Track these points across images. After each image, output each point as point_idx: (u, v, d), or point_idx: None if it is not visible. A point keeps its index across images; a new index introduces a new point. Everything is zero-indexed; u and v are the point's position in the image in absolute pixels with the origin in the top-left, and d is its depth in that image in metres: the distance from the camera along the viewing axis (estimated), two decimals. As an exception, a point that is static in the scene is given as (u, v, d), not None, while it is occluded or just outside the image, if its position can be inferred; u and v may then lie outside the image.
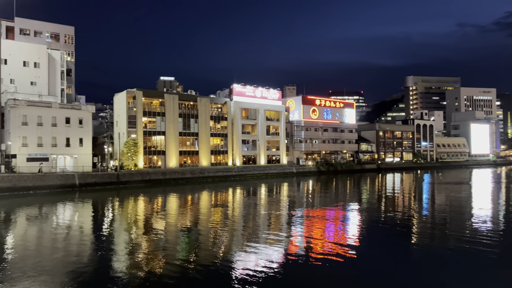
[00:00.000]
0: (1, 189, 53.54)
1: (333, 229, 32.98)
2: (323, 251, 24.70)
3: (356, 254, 24.27)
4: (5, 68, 68.24)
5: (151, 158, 78.80)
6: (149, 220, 37.50)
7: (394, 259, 23.57)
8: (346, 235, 30.46)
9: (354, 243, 27.19)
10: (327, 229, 32.92)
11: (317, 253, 24.22)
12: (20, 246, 27.72)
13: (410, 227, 33.19)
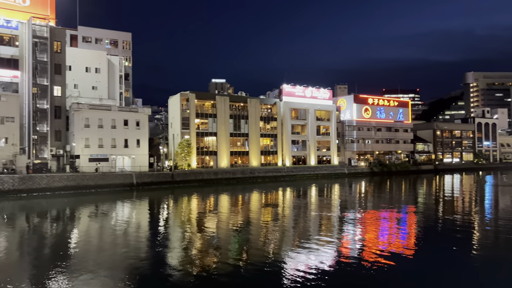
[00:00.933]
0: (67, 188, 57.38)
1: (387, 232, 31.97)
2: (376, 255, 24.01)
3: (411, 259, 23.36)
4: (70, 74, 72.95)
5: (204, 158, 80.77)
6: (202, 219, 38.49)
7: (452, 265, 22.40)
8: (401, 238, 29.40)
9: (410, 248, 26.18)
10: (380, 232, 31.96)
11: (369, 257, 23.60)
12: (83, 241, 29.57)
13: (470, 232, 31.38)
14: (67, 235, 31.80)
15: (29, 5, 70.07)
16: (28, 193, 53.64)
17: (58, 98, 67.59)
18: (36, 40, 65.87)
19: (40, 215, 41.93)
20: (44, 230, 34.43)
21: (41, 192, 54.73)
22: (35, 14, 68.84)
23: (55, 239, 30.42)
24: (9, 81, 65.90)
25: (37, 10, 70.39)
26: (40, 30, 66.64)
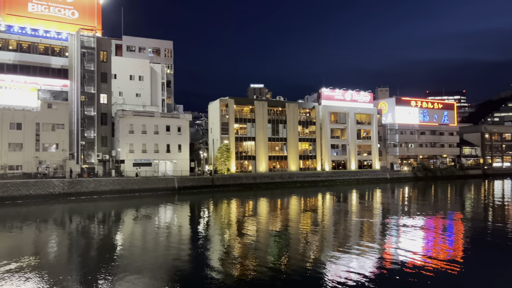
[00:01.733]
0: (112, 191, 59.72)
1: (431, 240, 30.82)
2: (419, 264, 23.20)
3: (457, 270, 22.35)
4: (115, 82, 76.11)
5: (242, 163, 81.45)
6: (241, 223, 38.80)
7: (503, 279, 21.23)
8: (447, 247, 28.23)
9: (456, 258, 25.08)
10: (425, 239, 30.85)
11: (412, 266, 22.84)
12: (127, 243, 30.64)
13: (524, 241, 29.59)
14: (113, 237, 33.09)
15: (77, 17, 73.94)
16: (76, 196, 56.33)
17: (104, 105, 70.65)
18: (84, 50, 69.29)
19: (88, 217, 43.87)
20: (91, 232, 36.00)
21: (88, 195, 57.29)
22: (83, 25, 72.54)
23: (101, 241, 31.72)
24: (60, 90, 69.76)
25: (85, 22, 74.14)
26: (88, 41, 70.05)
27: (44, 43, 69.24)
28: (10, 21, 68.19)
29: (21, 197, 52.51)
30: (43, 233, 35.08)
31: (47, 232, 35.55)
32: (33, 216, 44.07)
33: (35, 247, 29.40)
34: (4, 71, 65.77)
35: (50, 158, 61.31)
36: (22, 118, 60.29)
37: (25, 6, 70.16)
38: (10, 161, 58.67)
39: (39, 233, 34.82)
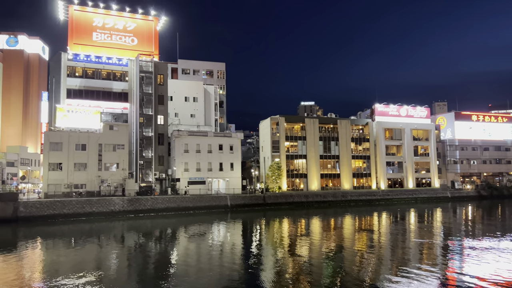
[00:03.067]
0: (168, 209, 61.64)
1: (498, 265, 28.52)
2: (489, 289, 21.51)
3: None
4: (171, 103, 79.44)
5: (294, 181, 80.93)
6: (294, 242, 38.33)
7: None
8: (519, 272, 25.95)
9: (530, 283, 22.96)
10: (492, 264, 28.61)
11: (481, 291, 21.21)
12: (182, 261, 31.30)
13: None
14: (168, 255, 33.99)
15: (137, 44, 78.68)
16: (135, 213, 58.73)
17: (161, 126, 73.82)
18: (142, 74, 73.25)
19: (145, 234, 45.50)
20: (148, 248, 37.24)
21: (146, 213, 59.52)
22: (142, 51, 76.97)
23: (158, 258, 32.68)
24: (120, 112, 74.06)
25: (143, 48, 78.64)
26: (146, 65, 74.06)
27: (106, 69, 74.20)
28: (77, 50, 73.92)
29: (84, 214, 55.69)
30: (104, 249, 36.82)
31: (108, 248, 37.28)
32: (95, 232, 46.49)
33: (96, 262, 30.89)
34: (72, 96, 71.11)
35: (111, 177, 64.73)
36: (86, 140, 64.45)
37: (90, 35, 75.86)
38: (75, 180, 62.67)
39: (100, 249, 36.59)
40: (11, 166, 74.53)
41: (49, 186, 61.14)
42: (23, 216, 52.12)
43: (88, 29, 76.06)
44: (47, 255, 34.67)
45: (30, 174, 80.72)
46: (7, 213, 51.43)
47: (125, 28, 78.82)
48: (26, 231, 46.32)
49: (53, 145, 62.65)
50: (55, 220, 52.89)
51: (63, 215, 54.28)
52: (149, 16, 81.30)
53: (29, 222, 51.32)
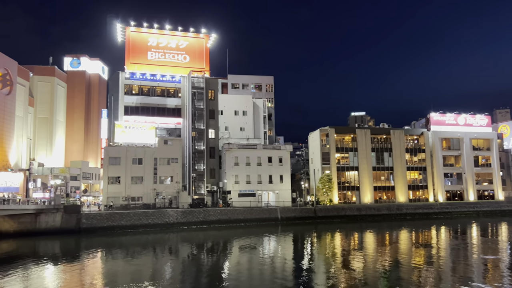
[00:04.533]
0: (220, 221, 62.59)
1: None
2: None
3: None
4: (221, 117, 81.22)
5: (345, 193, 79.23)
6: (347, 256, 37.39)
7: None
8: None
9: None
10: None
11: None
12: (234, 273, 31.56)
13: None
14: (221, 266, 34.45)
15: (188, 61, 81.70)
16: (188, 225, 60.18)
17: (212, 139, 75.59)
18: (194, 90, 75.67)
19: (198, 246, 46.45)
20: (201, 260, 37.99)
21: (199, 225, 60.80)
22: (193, 68, 79.67)
23: (210, 270, 33.21)
24: (174, 127, 76.89)
25: (195, 65, 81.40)
26: (198, 81, 76.48)
27: (161, 86, 77.56)
28: (133, 69, 78.01)
29: (141, 226, 57.91)
30: (159, 260, 38.05)
31: (163, 259, 38.47)
32: (151, 243, 48.18)
33: (152, 273, 31.96)
34: (129, 112, 74.90)
35: (165, 190, 66.99)
36: (142, 154, 67.37)
37: (145, 55, 79.86)
38: (132, 193, 65.53)
39: (156, 260, 37.85)
40: (74, 180, 79.45)
41: (109, 198, 64.40)
42: (85, 227, 55.17)
43: (143, 48, 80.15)
44: (107, 264, 36.42)
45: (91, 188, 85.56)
46: (71, 224, 54.72)
47: (178, 47, 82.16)
48: (87, 242, 48.97)
49: (112, 160, 66.10)
50: (114, 231, 55.48)
51: (122, 227, 56.80)
52: (200, 34, 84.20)
53: (91, 233, 54.22)
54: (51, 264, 35.38)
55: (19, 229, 51.80)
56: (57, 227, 53.61)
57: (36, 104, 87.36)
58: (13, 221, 51.73)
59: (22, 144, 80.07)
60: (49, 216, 53.91)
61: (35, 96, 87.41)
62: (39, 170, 74.43)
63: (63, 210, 54.92)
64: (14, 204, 49.02)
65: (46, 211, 54.00)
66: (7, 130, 72.40)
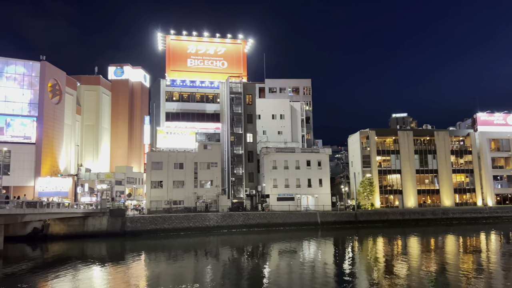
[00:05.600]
0: (259, 225, 62.76)
1: None
2: None
3: None
4: (259, 122, 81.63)
5: (387, 197, 77.14)
6: (389, 262, 36.39)
7: None
8: None
9: None
10: None
11: None
12: (274, 278, 31.50)
13: None
14: (261, 270, 34.53)
15: (226, 67, 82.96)
16: (228, 229, 60.81)
17: (250, 144, 76.11)
18: (232, 95, 76.63)
19: (238, 250, 46.81)
20: (241, 264, 38.26)
21: (238, 228, 61.28)
22: (231, 73, 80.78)
23: (250, 274, 33.36)
24: (213, 132, 78.19)
25: (233, 70, 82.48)
26: (235, 86, 77.38)
27: (200, 92, 79.21)
28: (174, 76, 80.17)
29: (183, 229, 59.13)
30: (200, 262, 38.71)
31: (204, 262, 39.10)
32: (192, 246, 49.12)
33: (194, 275, 32.57)
34: (170, 118, 76.99)
35: (205, 194, 68.09)
36: (183, 159, 68.91)
37: (185, 62, 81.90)
38: (174, 197, 67.13)
39: (197, 263, 38.54)
40: (119, 184, 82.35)
41: (151, 202, 66.31)
42: (130, 230, 57.06)
43: (183, 56, 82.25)
44: (150, 267, 37.50)
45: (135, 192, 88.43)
46: (116, 227, 56.80)
47: (216, 53, 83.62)
48: (132, 244, 50.63)
49: (154, 165, 68.10)
50: (157, 234, 57.00)
51: (164, 230, 58.27)
52: (237, 39, 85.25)
53: (135, 236, 56.02)
54: (98, 265, 36.89)
55: (69, 231, 54.44)
56: (104, 230, 55.82)
57: (83, 112, 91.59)
58: (63, 224, 54.44)
59: (71, 151, 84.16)
60: (96, 220, 56.29)
61: (82, 105, 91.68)
62: (86, 175, 77.81)
63: (109, 213, 57.16)
64: (64, 208, 51.58)
65: (93, 215, 56.42)
66: (57, 137, 76.40)
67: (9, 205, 41.03)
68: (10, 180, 66.57)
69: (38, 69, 72.76)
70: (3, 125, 68.20)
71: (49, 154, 73.19)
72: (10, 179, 66.45)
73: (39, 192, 67.81)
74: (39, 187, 68.71)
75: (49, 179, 70.11)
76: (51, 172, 72.51)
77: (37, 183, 69.21)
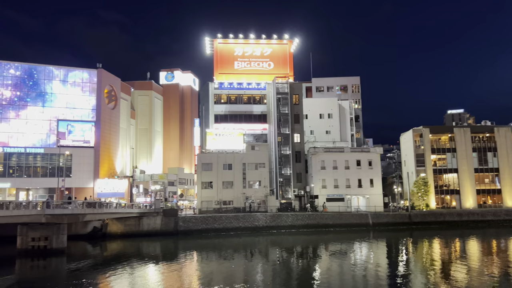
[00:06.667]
0: (308, 226, 62.24)
1: None
2: None
3: None
4: (306, 121, 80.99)
5: (443, 197, 73.60)
6: (447, 265, 34.72)
7: None
8: None
9: None
10: None
11: None
12: (325, 280, 31.15)
13: None
14: (311, 272, 34.26)
15: (273, 68, 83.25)
16: (277, 229, 60.88)
17: (297, 144, 75.73)
18: (279, 96, 76.68)
19: (288, 250, 46.73)
20: (291, 264, 38.18)
21: (287, 229, 61.16)
22: (277, 74, 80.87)
23: (300, 274, 33.23)
24: (260, 133, 78.74)
25: (279, 71, 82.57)
26: (282, 87, 77.37)
27: (247, 94, 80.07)
28: (221, 79, 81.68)
29: (232, 229, 60.00)
30: (250, 262, 39.08)
31: (254, 261, 39.45)
32: (242, 246, 49.73)
33: (245, 275, 32.96)
34: (218, 120, 78.53)
35: (254, 194, 68.65)
36: (232, 160, 69.96)
37: (232, 65, 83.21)
38: (223, 197, 68.33)
39: (247, 262, 38.95)
40: (171, 185, 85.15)
41: (202, 202, 67.93)
42: (182, 230, 58.80)
43: (230, 59, 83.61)
44: (202, 265, 38.43)
45: (186, 192, 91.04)
46: (170, 227, 58.78)
47: (262, 54, 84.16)
48: (184, 244, 52.16)
49: (204, 166, 69.74)
50: (207, 233, 58.29)
51: (214, 229, 59.47)
52: (283, 40, 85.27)
53: (187, 235, 57.62)
54: (153, 263, 38.39)
55: (125, 231, 57.07)
56: (158, 230, 57.96)
57: (137, 116, 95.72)
58: (121, 224, 57.17)
59: (126, 153, 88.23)
60: (151, 219, 58.57)
61: (136, 109, 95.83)
62: (141, 177, 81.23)
63: (163, 213, 59.26)
64: (121, 208, 54.20)
65: (148, 215, 58.76)
66: (113, 141, 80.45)
67: (71, 206, 43.79)
68: (72, 181, 70.95)
69: (95, 76, 77.01)
70: (64, 130, 72.84)
71: (106, 157, 77.20)
72: (72, 181, 70.83)
73: (97, 193, 71.70)
74: (98, 188, 72.67)
75: (106, 180, 73.99)
76: (108, 174, 76.43)
77: (96, 184, 73.25)
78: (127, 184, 75.28)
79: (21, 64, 73.60)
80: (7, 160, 69.90)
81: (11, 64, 72.81)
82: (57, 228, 42.35)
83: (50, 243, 41.84)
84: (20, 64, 73.55)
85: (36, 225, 41.23)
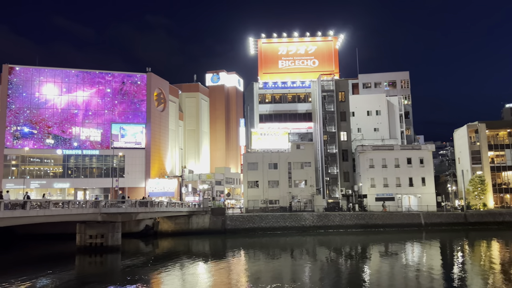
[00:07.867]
0: (356, 226, 60.89)
1: None
2: None
3: None
4: (353, 119, 79.23)
5: (503, 196, 69.28)
6: (507, 269, 32.66)
7: None
8: None
9: None
10: None
11: None
12: (375, 280, 30.38)
13: None
14: (360, 273, 33.55)
15: (317, 65, 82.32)
16: (324, 229, 60.11)
17: (344, 142, 74.37)
18: (324, 94, 75.69)
19: (336, 250, 46.04)
20: (340, 265, 37.58)
21: (335, 229, 60.20)
22: (322, 71, 79.94)
23: (350, 275, 32.60)
24: (305, 132, 78.15)
25: (324, 68, 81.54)
26: (327, 84, 76.28)
27: (291, 93, 79.80)
28: (266, 79, 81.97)
29: (279, 228, 60.03)
30: (298, 261, 38.92)
31: (301, 261, 39.23)
32: (289, 245, 49.62)
33: (292, 274, 32.89)
34: (263, 120, 78.88)
35: (300, 193, 68.28)
36: (277, 159, 70.01)
37: (276, 64, 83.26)
38: (269, 196, 68.54)
39: (295, 262, 38.83)
40: (218, 184, 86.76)
41: (249, 201, 68.54)
42: (229, 228, 59.66)
43: (274, 58, 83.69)
44: (250, 264, 38.80)
45: (233, 191, 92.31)
46: (218, 225, 59.86)
47: (306, 52, 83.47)
48: (231, 242, 52.90)
49: (250, 165, 70.32)
50: (254, 232, 58.70)
51: (261, 228, 59.78)
52: (328, 37, 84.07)
53: (234, 234, 58.37)
54: (202, 261, 39.31)
55: (176, 229, 58.85)
56: (206, 228, 59.24)
57: (184, 118, 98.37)
58: (171, 222, 59.02)
59: (175, 154, 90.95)
60: (199, 218, 59.99)
61: (184, 111, 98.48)
62: (189, 176, 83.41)
63: (211, 212, 60.51)
64: (171, 207, 55.96)
65: (197, 213, 60.23)
66: (163, 142, 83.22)
67: (125, 205, 45.81)
68: (125, 181, 74.19)
69: (145, 80, 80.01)
70: (118, 133, 76.33)
71: (156, 158, 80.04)
72: (125, 181, 74.08)
73: (149, 192, 74.50)
74: (149, 188, 75.53)
75: (157, 180, 76.75)
76: (159, 174, 79.20)
77: (147, 184, 76.19)
78: (177, 184, 77.58)
79: (81, 72, 77.86)
80: (66, 161, 74.44)
81: (74, 71, 77.28)
82: (112, 226, 44.44)
83: (106, 240, 43.98)
84: (81, 72, 77.86)
85: (93, 223, 43.50)
